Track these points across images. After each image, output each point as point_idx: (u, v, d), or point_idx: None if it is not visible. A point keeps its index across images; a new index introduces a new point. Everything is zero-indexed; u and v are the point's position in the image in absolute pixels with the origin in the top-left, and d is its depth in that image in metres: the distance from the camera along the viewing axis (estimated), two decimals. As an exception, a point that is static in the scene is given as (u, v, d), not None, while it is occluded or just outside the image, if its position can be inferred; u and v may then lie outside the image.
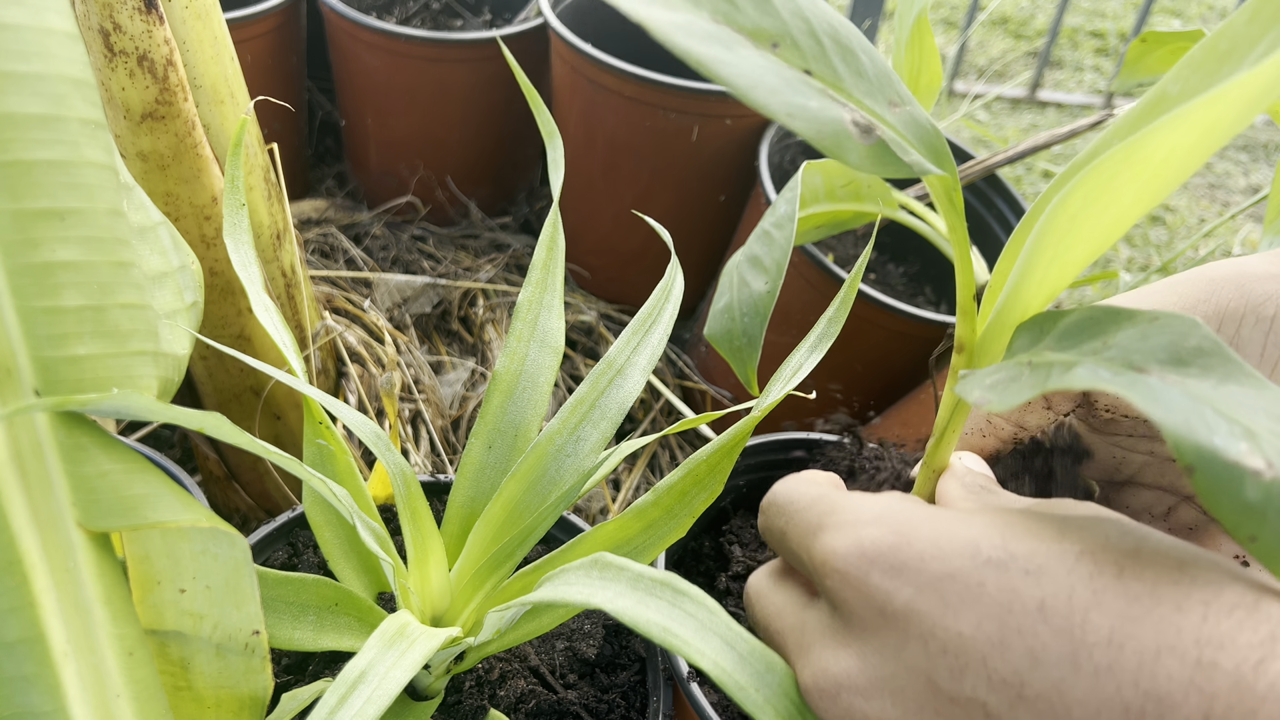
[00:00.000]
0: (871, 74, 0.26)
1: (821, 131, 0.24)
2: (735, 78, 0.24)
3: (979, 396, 0.24)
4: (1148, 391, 0.21)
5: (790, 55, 0.25)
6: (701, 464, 0.37)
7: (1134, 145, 0.22)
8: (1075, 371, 0.23)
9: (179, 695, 0.31)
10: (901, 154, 0.25)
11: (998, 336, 0.29)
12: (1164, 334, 0.23)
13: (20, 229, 0.27)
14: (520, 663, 0.44)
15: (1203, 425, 0.20)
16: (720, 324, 0.44)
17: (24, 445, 0.27)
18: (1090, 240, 0.25)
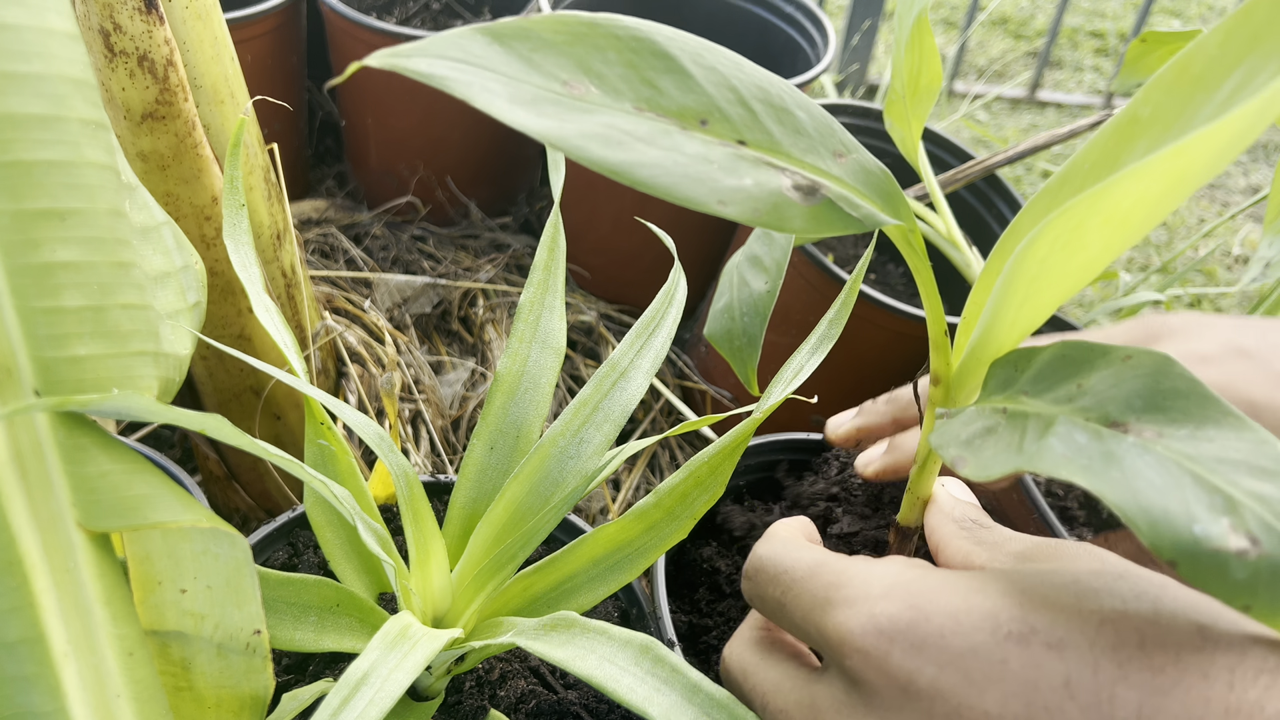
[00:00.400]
0: (810, 129, 0.26)
1: (758, 209, 0.23)
2: (656, 178, 0.22)
3: (954, 455, 0.24)
4: (1122, 484, 0.21)
5: (721, 129, 0.24)
6: (703, 465, 0.37)
7: (1100, 194, 0.21)
8: (1049, 443, 0.22)
9: (180, 695, 0.31)
10: (850, 210, 0.25)
11: (973, 371, 0.29)
12: (1138, 377, 0.23)
13: (21, 229, 0.27)
14: (520, 663, 0.44)
15: (1182, 512, 0.20)
16: (720, 324, 0.44)
17: (24, 445, 0.27)
18: (1059, 284, 0.24)
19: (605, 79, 0.23)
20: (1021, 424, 0.24)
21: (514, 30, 0.22)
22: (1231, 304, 1.43)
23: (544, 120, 0.22)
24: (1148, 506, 0.20)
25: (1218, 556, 0.19)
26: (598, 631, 0.32)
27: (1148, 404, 0.22)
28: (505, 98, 0.21)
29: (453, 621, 0.39)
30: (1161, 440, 0.21)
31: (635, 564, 0.38)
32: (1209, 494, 0.20)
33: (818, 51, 0.86)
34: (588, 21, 0.23)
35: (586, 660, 0.31)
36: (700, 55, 0.25)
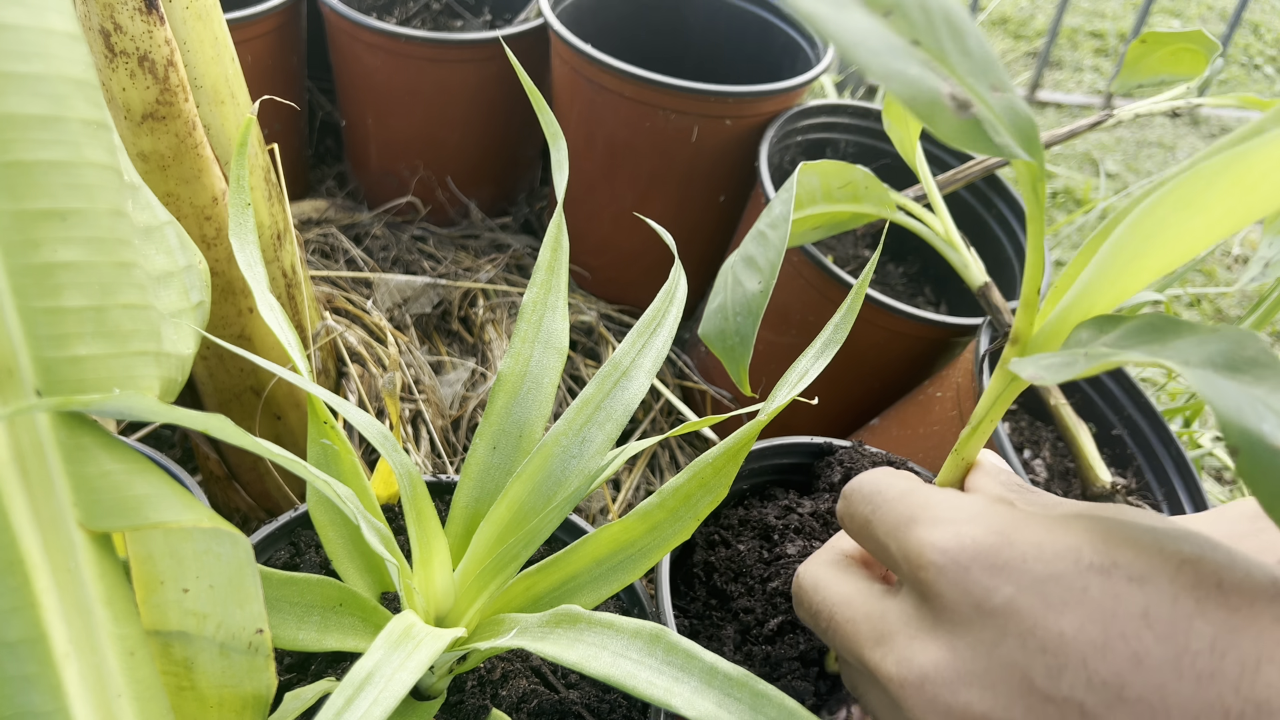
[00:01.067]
0: (978, 55, 0.27)
1: (917, 98, 0.24)
2: (840, 34, 0.24)
3: (1031, 373, 0.24)
4: (1203, 376, 0.22)
5: (900, 24, 0.25)
6: (707, 467, 0.37)
7: (1234, 158, 0.22)
8: (1129, 353, 0.23)
9: (182, 695, 0.31)
10: (993, 134, 0.25)
11: (1057, 332, 0.29)
12: (1221, 342, 0.24)
13: (21, 229, 0.27)
14: (522, 662, 0.44)
15: (1253, 413, 0.21)
16: (714, 323, 0.44)
17: (25, 445, 0.27)
18: (1171, 248, 0.25)
19: None
20: (1101, 357, 0.25)
21: None
22: (1231, 304, 1.43)
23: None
24: (1224, 397, 0.21)
25: (1276, 456, 0.20)
26: (604, 625, 0.32)
27: (1227, 363, 0.23)
28: None
29: (455, 621, 0.39)
30: (1240, 384, 0.22)
31: (638, 564, 0.38)
32: (1274, 413, 0.21)
33: (818, 52, 0.86)
34: None
35: (600, 659, 0.31)
36: None
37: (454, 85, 0.87)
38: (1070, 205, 1.62)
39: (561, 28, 0.79)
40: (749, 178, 0.84)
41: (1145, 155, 1.79)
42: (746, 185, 0.85)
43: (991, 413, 0.33)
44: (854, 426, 0.81)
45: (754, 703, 0.29)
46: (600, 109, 0.81)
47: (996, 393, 0.32)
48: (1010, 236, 0.80)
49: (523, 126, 0.95)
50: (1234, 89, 2.01)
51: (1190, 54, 0.64)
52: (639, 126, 0.80)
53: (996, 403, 0.33)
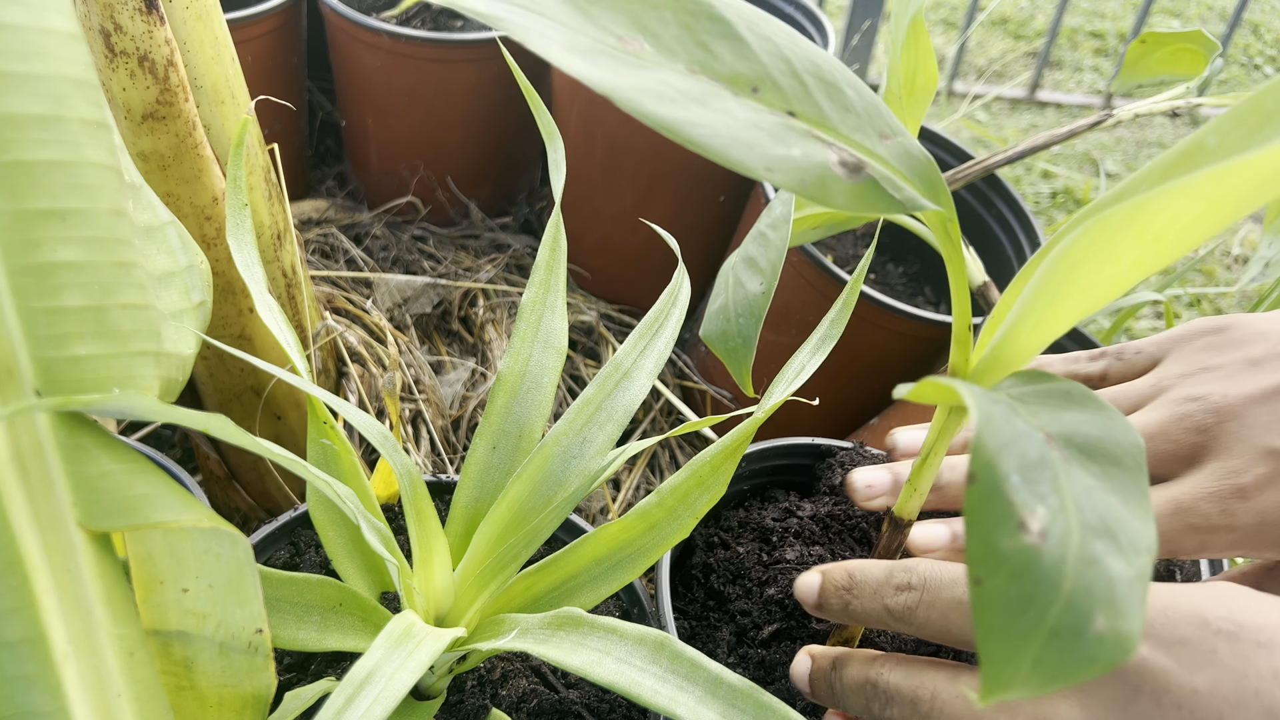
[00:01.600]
0: (859, 107, 0.26)
1: (804, 180, 0.23)
2: (708, 139, 0.22)
3: (901, 393, 0.24)
4: (1000, 419, 0.21)
5: (772, 98, 0.24)
6: (704, 465, 0.37)
7: (1138, 206, 0.21)
8: (971, 389, 0.23)
9: (182, 695, 0.31)
10: (893, 190, 0.25)
11: (991, 372, 0.29)
12: (1102, 431, 0.23)
13: (21, 229, 0.27)
14: (522, 662, 0.44)
15: (1016, 460, 0.20)
16: (715, 325, 0.44)
17: (25, 445, 0.27)
18: (1086, 294, 0.25)
19: (660, 38, 0.23)
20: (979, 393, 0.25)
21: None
22: (1231, 304, 1.43)
23: (599, 71, 0.21)
24: (995, 432, 0.21)
25: (1007, 509, 0.20)
26: (607, 630, 0.32)
27: (1085, 449, 0.23)
28: (562, 45, 0.21)
29: (455, 621, 0.39)
30: (1066, 463, 0.22)
31: (637, 563, 0.38)
32: (1053, 492, 0.20)
33: (818, 51, 0.86)
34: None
35: (604, 665, 0.31)
36: (755, 24, 0.25)
37: (454, 85, 0.87)
38: (1070, 205, 1.62)
39: (561, 28, 0.79)
40: (749, 178, 0.84)
41: (1145, 155, 1.79)
42: (746, 185, 0.85)
43: (937, 445, 0.33)
44: (853, 426, 0.81)
45: (759, 714, 0.29)
46: (600, 109, 0.81)
47: (940, 425, 0.33)
48: (1010, 236, 0.80)
49: (523, 126, 0.95)
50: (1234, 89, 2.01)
51: (1190, 54, 0.64)
52: (639, 126, 0.80)
53: (941, 435, 0.33)
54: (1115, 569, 0.20)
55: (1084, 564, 0.19)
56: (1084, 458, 0.22)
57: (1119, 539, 0.20)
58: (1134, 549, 0.20)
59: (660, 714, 0.29)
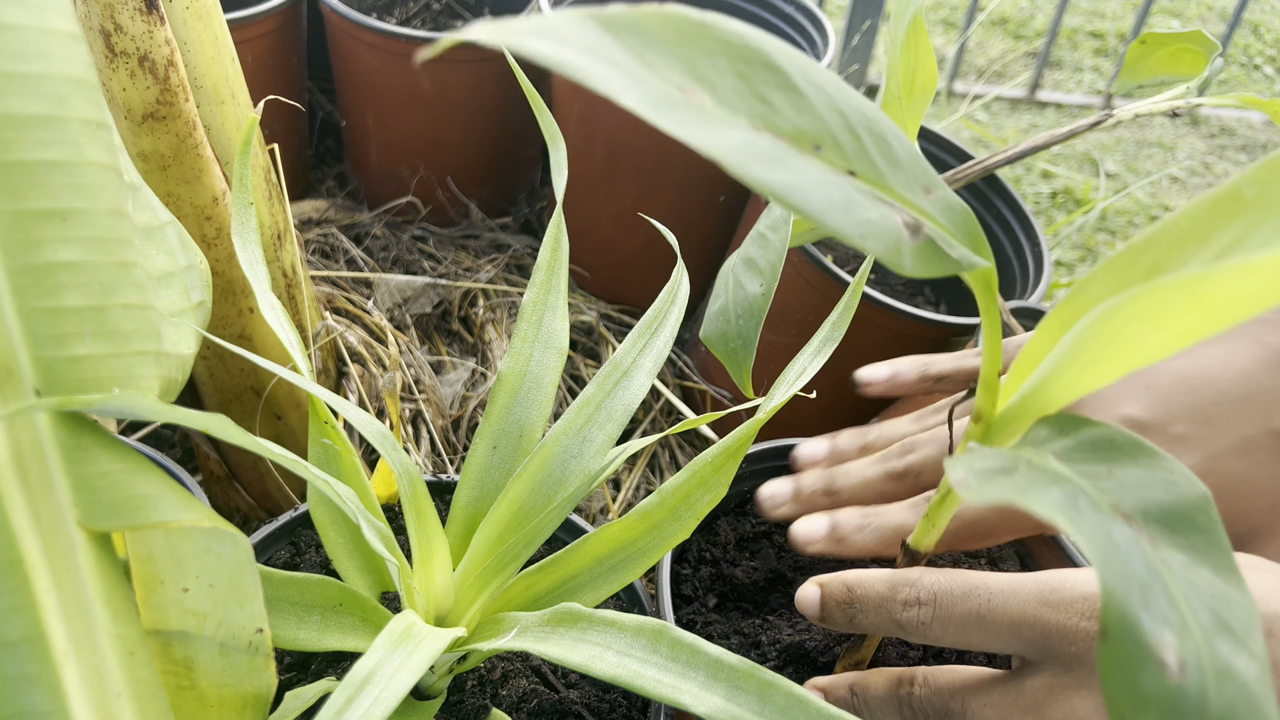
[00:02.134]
0: (905, 162, 0.25)
1: (886, 245, 0.22)
2: (808, 203, 0.21)
3: (959, 478, 0.24)
4: (1105, 542, 0.21)
5: (834, 157, 0.23)
6: (706, 465, 0.37)
7: (1195, 281, 0.21)
8: (1051, 492, 0.23)
9: (182, 694, 0.31)
10: (949, 249, 0.24)
11: (1018, 419, 0.29)
12: (1170, 492, 0.23)
13: (21, 229, 0.27)
14: (522, 662, 0.44)
15: (1140, 597, 0.20)
16: (715, 326, 0.44)
17: (25, 445, 0.27)
18: (1131, 357, 0.24)
19: (717, 88, 0.22)
20: (1038, 476, 0.24)
21: (624, 21, 0.21)
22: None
23: (691, 130, 0.20)
24: (1115, 572, 0.20)
25: (1145, 653, 0.19)
26: (606, 623, 0.32)
27: (1163, 519, 0.22)
28: (642, 99, 0.20)
29: (455, 620, 0.39)
30: (1155, 548, 0.21)
31: (638, 563, 0.38)
32: (1171, 608, 0.20)
33: (817, 51, 0.86)
34: (697, 22, 0.22)
35: (605, 659, 0.31)
36: (808, 72, 0.24)
37: (454, 85, 0.87)
38: (1070, 205, 1.62)
39: (561, 28, 0.79)
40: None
41: (1145, 155, 1.79)
42: (746, 186, 0.85)
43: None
44: (853, 426, 0.81)
45: (762, 692, 0.29)
46: (600, 109, 0.81)
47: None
48: (1010, 236, 0.80)
49: (523, 127, 0.95)
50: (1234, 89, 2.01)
51: (1190, 54, 0.64)
52: (639, 127, 0.80)
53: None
54: (1245, 671, 0.20)
55: (1220, 679, 0.19)
56: (1166, 531, 0.22)
57: (1233, 627, 0.20)
58: (1247, 633, 0.20)
59: (666, 704, 0.29)
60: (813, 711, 0.28)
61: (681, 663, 0.30)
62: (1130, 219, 1.61)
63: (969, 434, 0.31)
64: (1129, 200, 1.64)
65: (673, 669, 0.30)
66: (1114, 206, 1.61)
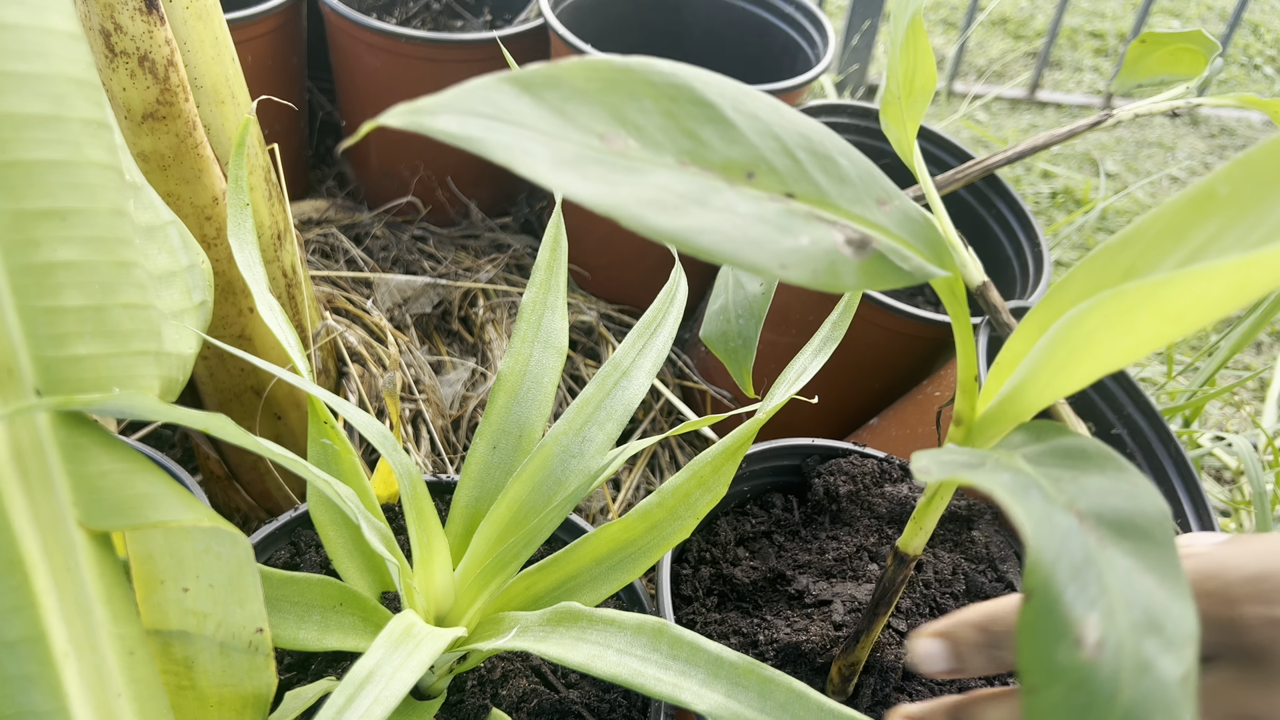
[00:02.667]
0: (854, 176, 0.24)
1: (817, 270, 0.22)
2: (718, 245, 0.21)
3: (923, 464, 0.24)
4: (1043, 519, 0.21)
5: (769, 182, 0.23)
6: (705, 465, 0.37)
7: (1159, 286, 0.21)
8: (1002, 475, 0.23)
9: (182, 694, 0.31)
10: (901, 261, 0.24)
11: (998, 423, 0.29)
12: (1129, 502, 0.23)
13: (21, 229, 0.27)
14: (522, 662, 0.43)
15: (1068, 571, 0.20)
16: (715, 326, 0.44)
17: (25, 445, 0.27)
18: (1101, 361, 0.24)
19: (644, 130, 0.22)
20: (1000, 469, 0.24)
21: (543, 79, 0.21)
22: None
23: (593, 185, 0.20)
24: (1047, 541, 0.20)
25: (1064, 625, 0.20)
26: (606, 622, 0.32)
27: (1116, 525, 0.22)
28: (548, 160, 0.20)
29: (455, 620, 0.39)
30: (1101, 547, 0.21)
31: (638, 563, 0.38)
32: (1102, 593, 0.20)
33: (817, 52, 0.86)
34: (620, 67, 0.22)
35: (605, 658, 0.31)
36: (739, 101, 0.23)
37: (453, 85, 0.87)
38: (1070, 205, 1.62)
39: (561, 28, 0.79)
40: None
41: (1145, 155, 1.79)
42: (746, 185, 0.85)
43: (942, 489, 0.33)
44: (853, 426, 0.81)
45: (762, 688, 0.29)
46: (600, 109, 0.81)
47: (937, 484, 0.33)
48: (1009, 236, 0.80)
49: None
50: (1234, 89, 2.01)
51: (1190, 54, 0.64)
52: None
53: (938, 492, 0.33)
54: (1166, 670, 0.20)
55: (1138, 671, 0.19)
56: (1117, 535, 0.22)
57: (1165, 630, 0.20)
58: (1180, 640, 0.20)
59: (668, 702, 0.29)
60: (813, 707, 0.28)
61: (682, 660, 0.30)
62: (1130, 219, 1.61)
63: (950, 436, 0.31)
64: (1129, 200, 1.64)
65: (673, 667, 0.30)
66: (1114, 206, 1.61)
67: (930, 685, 0.43)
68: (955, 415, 0.31)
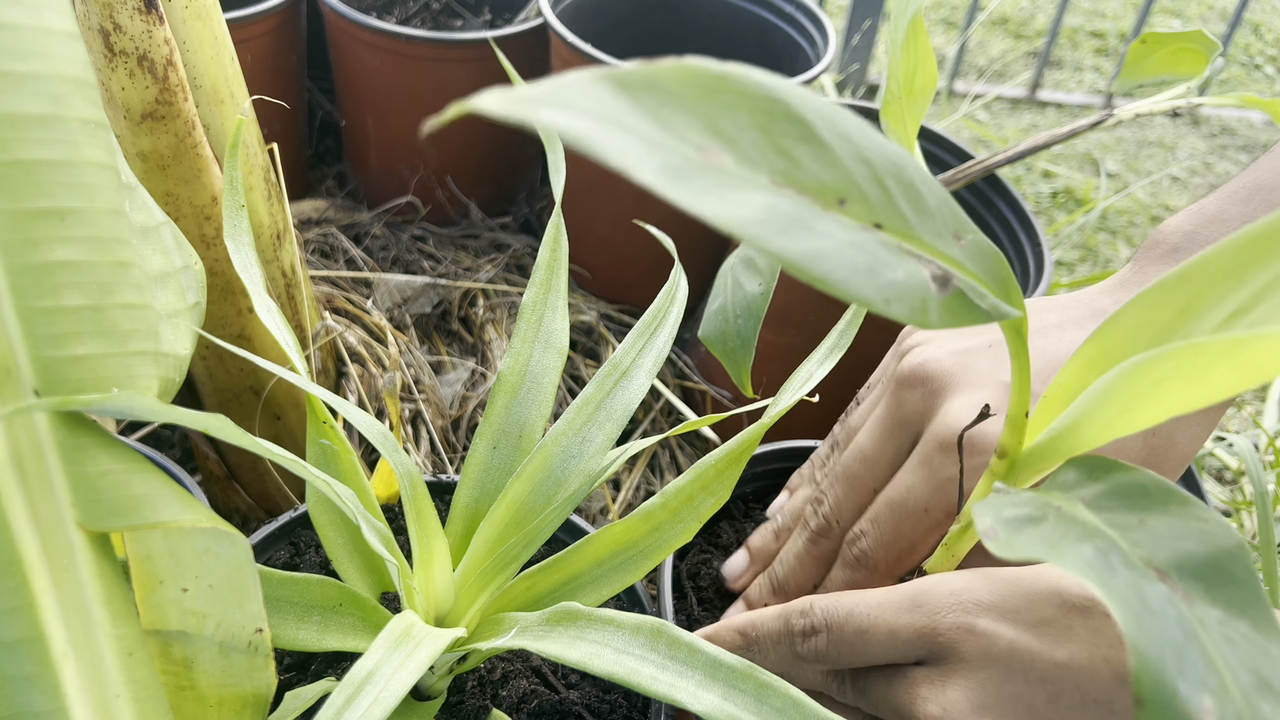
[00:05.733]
0: (934, 208, 0.24)
1: (913, 306, 0.21)
2: (831, 273, 0.20)
3: (987, 526, 0.23)
4: (1139, 605, 0.20)
5: (859, 210, 0.22)
6: (709, 469, 0.37)
7: (1245, 342, 0.20)
8: (1082, 549, 0.22)
9: (182, 694, 0.31)
10: (978, 300, 0.23)
11: (1045, 458, 0.29)
12: (1205, 544, 0.22)
13: (19, 229, 0.27)
14: (522, 662, 0.43)
15: (1175, 662, 0.20)
16: (714, 325, 0.43)
17: (23, 445, 0.27)
18: (1168, 406, 0.24)
19: (738, 144, 0.21)
20: (1068, 527, 0.23)
21: (641, 80, 0.20)
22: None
23: (708, 201, 0.19)
24: (1150, 639, 0.20)
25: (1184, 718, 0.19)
26: (604, 621, 0.32)
27: (1198, 572, 0.22)
28: (655, 168, 0.19)
29: (455, 621, 0.39)
30: (1191, 605, 0.21)
31: (639, 565, 0.38)
32: (1209, 670, 0.20)
33: (818, 51, 0.86)
34: (716, 74, 0.21)
35: (602, 656, 0.31)
36: (833, 121, 0.22)
37: (454, 85, 0.86)
38: (1071, 205, 1.62)
39: (561, 27, 0.79)
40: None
41: (1146, 155, 1.79)
42: (747, 185, 0.85)
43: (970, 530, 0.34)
44: (854, 426, 0.81)
45: (759, 694, 0.29)
46: (600, 109, 0.81)
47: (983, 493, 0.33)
48: (1010, 236, 0.80)
49: (522, 126, 0.95)
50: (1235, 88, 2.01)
51: (1190, 54, 0.64)
52: (639, 126, 0.79)
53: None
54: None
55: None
56: (1199, 584, 0.21)
57: (1274, 685, 0.20)
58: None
59: (663, 701, 0.29)
60: (809, 713, 0.28)
61: (679, 661, 0.30)
62: (1131, 219, 1.61)
63: (993, 470, 0.31)
64: (1130, 200, 1.64)
65: (670, 667, 0.30)
66: (1115, 206, 1.61)
67: None
68: (1000, 448, 0.30)
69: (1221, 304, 0.24)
